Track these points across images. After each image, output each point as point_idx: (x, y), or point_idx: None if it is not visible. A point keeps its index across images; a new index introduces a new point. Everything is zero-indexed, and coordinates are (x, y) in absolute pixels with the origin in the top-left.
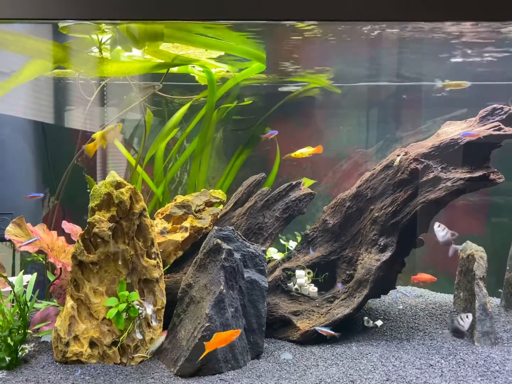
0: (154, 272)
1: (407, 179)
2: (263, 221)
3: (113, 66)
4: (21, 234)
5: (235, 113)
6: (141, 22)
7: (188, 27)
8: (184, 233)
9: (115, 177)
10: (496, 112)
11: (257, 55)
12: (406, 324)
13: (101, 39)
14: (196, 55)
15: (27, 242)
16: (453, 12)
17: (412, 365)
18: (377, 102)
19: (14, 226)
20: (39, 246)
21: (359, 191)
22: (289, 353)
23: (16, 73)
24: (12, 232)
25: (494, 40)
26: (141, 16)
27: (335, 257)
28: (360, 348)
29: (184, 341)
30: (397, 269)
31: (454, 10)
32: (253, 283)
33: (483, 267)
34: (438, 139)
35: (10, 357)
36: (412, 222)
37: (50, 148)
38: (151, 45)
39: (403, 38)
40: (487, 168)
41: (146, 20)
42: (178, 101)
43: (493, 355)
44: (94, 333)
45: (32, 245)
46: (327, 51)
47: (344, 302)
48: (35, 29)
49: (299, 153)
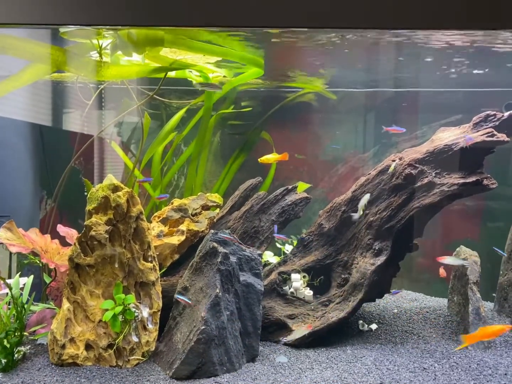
0: (151, 275)
1: (402, 184)
2: (259, 224)
3: (113, 70)
4: (12, 238)
5: (232, 118)
6: (141, 28)
7: (188, 33)
8: (180, 236)
9: (112, 180)
10: (489, 118)
11: (256, 61)
12: (401, 328)
13: (102, 44)
14: (194, 60)
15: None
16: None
17: (406, 369)
18: (373, 107)
19: (4, 230)
20: (31, 247)
21: (355, 195)
22: (284, 356)
23: (15, 76)
24: (4, 236)
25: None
26: (141, 22)
27: (330, 261)
28: (355, 352)
29: (179, 344)
30: (392, 273)
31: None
32: (249, 286)
33: (476, 271)
34: (432, 144)
35: (6, 359)
36: (406, 227)
37: (48, 151)
38: (152, 50)
39: (399, 43)
40: (481, 174)
41: (146, 26)
42: (175, 105)
43: (486, 359)
44: (90, 336)
45: (25, 247)
46: (325, 56)
47: (339, 306)
48: (34, 34)
49: (264, 158)
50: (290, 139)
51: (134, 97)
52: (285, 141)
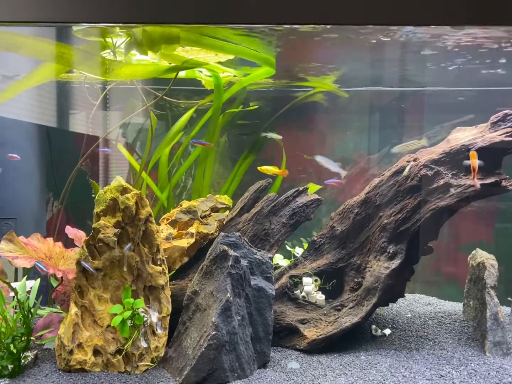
0: (160, 279)
1: (417, 185)
2: (270, 227)
3: (127, 69)
4: (15, 249)
5: (240, 118)
6: (156, 25)
7: (202, 30)
8: (190, 239)
9: (120, 182)
10: (508, 118)
11: (268, 60)
12: (415, 333)
13: (115, 42)
14: (205, 59)
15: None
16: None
17: (422, 376)
18: (384, 107)
19: (6, 242)
20: (36, 257)
21: (368, 197)
22: (296, 362)
23: (28, 75)
24: (6, 249)
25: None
26: (156, 19)
27: (343, 265)
28: (369, 358)
29: (189, 349)
30: (406, 277)
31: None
32: (260, 290)
33: (494, 275)
34: (449, 145)
35: (12, 365)
36: (422, 229)
37: (54, 152)
38: (167, 48)
39: (409, 43)
40: (499, 175)
41: (161, 24)
42: (183, 105)
43: (506, 366)
44: (98, 341)
45: (29, 259)
46: (337, 54)
47: (352, 311)
48: (46, 32)
49: (264, 168)
50: (299, 139)
51: (143, 97)
52: (294, 141)
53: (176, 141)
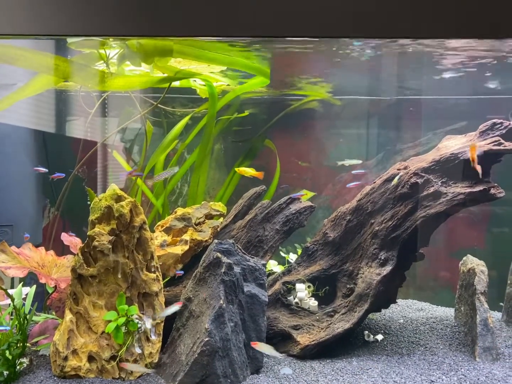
0: (154, 286)
1: (408, 193)
2: (263, 234)
3: (120, 80)
4: (7, 259)
5: (235, 125)
6: (149, 38)
7: (194, 43)
8: (184, 246)
9: (115, 190)
10: (496, 126)
11: (262, 70)
12: (407, 339)
13: (109, 54)
14: (198, 69)
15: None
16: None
17: (413, 381)
18: (377, 114)
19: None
20: (28, 267)
21: (360, 204)
22: (289, 368)
23: (23, 86)
24: None
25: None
26: (149, 32)
27: (335, 271)
28: (361, 363)
29: (183, 355)
30: (397, 283)
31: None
32: (253, 297)
33: (484, 281)
34: (438, 153)
35: (8, 371)
36: (412, 236)
37: (51, 159)
38: (160, 60)
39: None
40: (487, 183)
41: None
42: (179, 113)
43: (495, 371)
44: (93, 347)
45: (21, 269)
46: (329, 64)
47: (345, 317)
48: (42, 44)
49: (242, 169)
50: (294, 146)
51: (137, 105)
52: (288, 148)
53: (172, 148)
